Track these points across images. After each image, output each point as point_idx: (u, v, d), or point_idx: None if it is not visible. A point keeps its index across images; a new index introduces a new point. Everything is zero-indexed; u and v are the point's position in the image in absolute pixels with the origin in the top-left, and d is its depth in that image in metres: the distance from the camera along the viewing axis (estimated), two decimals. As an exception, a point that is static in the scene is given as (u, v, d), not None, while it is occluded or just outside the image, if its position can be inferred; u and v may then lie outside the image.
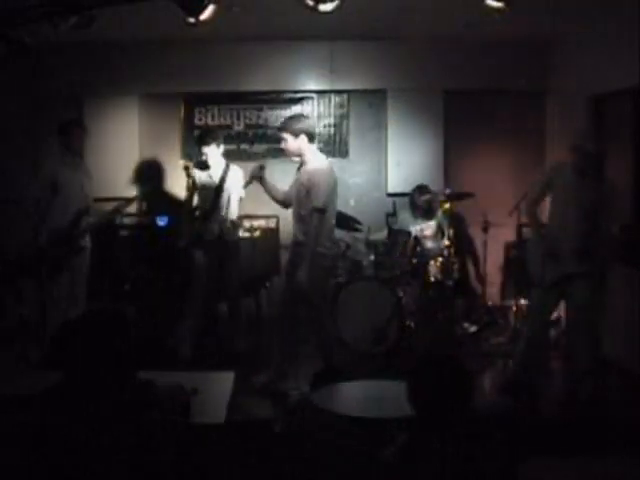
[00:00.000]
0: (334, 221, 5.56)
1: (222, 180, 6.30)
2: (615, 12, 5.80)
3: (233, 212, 6.39)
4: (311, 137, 5.46)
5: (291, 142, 5.42)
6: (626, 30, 5.72)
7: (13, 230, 6.56)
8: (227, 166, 6.38)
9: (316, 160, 5.49)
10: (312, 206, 5.30)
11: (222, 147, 6.39)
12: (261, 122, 7.84)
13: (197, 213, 6.31)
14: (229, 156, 7.68)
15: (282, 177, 7.72)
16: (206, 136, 6.34)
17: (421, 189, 7.22)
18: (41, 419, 2.61)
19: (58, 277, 5.84)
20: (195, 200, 6.35)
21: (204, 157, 6.27)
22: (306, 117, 5.92)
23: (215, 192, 6.27)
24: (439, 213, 7.00)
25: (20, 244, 6.03)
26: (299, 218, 5.47)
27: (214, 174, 6.31)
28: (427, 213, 7.16)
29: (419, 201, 7.13)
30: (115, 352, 2.61)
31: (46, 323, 5.72)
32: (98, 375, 2.58)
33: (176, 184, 7.23)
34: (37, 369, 4.03)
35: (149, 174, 7.59)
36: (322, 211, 5.30)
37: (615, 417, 4.75)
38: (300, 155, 5.49)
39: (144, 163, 7.62)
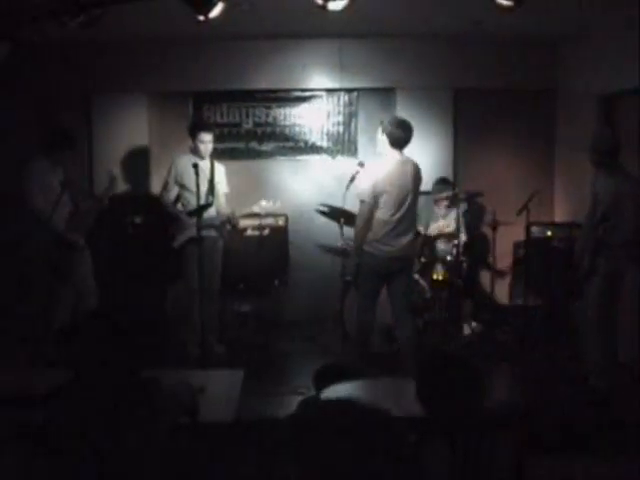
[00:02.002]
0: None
1: (213, 175, 6.34)
2: (625, 11, 5.77)
3: (223, 207, 6.47)
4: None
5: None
6: (636, 30, 5.69)
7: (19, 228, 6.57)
8: (212, 162, 6.42)
9: None
10: None
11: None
12: (270, 120, 7.82)
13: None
14: (238, 154, 7.75)
15: (290, 176, 7.79)
16: (205, 123, 6.39)
17: (444, 182, 7.19)
18: (48, 418, 2.61)
19: (64, 276, 5.84)
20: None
21: (204, 145, 6.30)
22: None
23: (210, 187, 6.32)
24: (457, 210, 6.95)
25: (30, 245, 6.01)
26: None
27: (205, 170, 6.34)
28: (449, 207, 7.11)
29: (443, 194, 7.06)
30: (119, 351, 2.61)
31: (54, 322, 5.71)
32: (103, 374, 2.58)
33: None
34: (44, 368, 4.02)
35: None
36: None
37: (627, 418, 4.72)
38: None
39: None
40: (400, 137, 5.43)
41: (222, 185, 6.57)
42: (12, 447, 3.04)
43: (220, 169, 6.59)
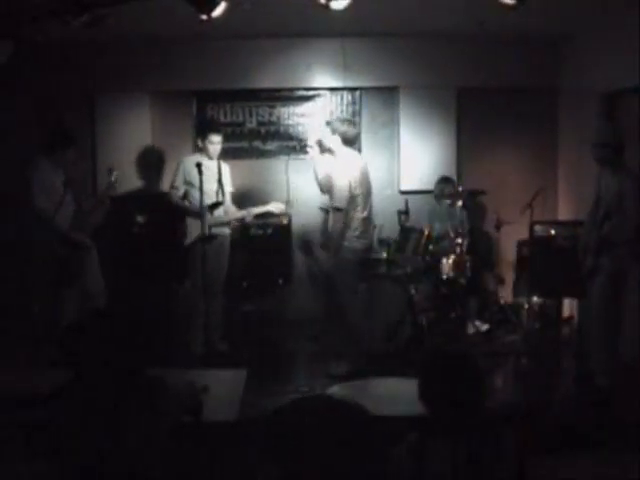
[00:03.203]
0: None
1: (220, 175, 6.35)
2: (629, 10, 5.76)
3: (229, 206, 6.54)
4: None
5: None
6: (637, 28, 5.68)
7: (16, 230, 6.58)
8: (219, 162, 6.45)
9: None
10: None
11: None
12: (273, 119, 7.82)
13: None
14: (241, 154, 7.74)
15: (293, 175, 7.77)
16: (215, 123, 6.41)
17: (447, 180, 7.18)
18: (52, 417, 2.61)
19: (72, 276, 5.85)
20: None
21: (212, 145, 6.31)
22: None
23: (219, 187, 6.37)
24: (459, 209, 6.95)
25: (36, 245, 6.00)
26: None
27: (213, 169, 6.35)
28: (452, 206, 7.11)
29: (446, 193, 7.05)
30: (123, 350, 2.61)
31: (59, 322, 5.72)
32: (106, 373, 2.58)
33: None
34: (47, 368, 4.03)
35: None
36: None
37: (630, 417, 4.71)
38: None
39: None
40: (353, 134, 5.89)
41: (227, 185, 6.60)
42: (13, 447, 3.05)
43: (226, 168, 6.61)
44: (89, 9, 4.72)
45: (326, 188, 6.07)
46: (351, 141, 5.95)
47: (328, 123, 6.05)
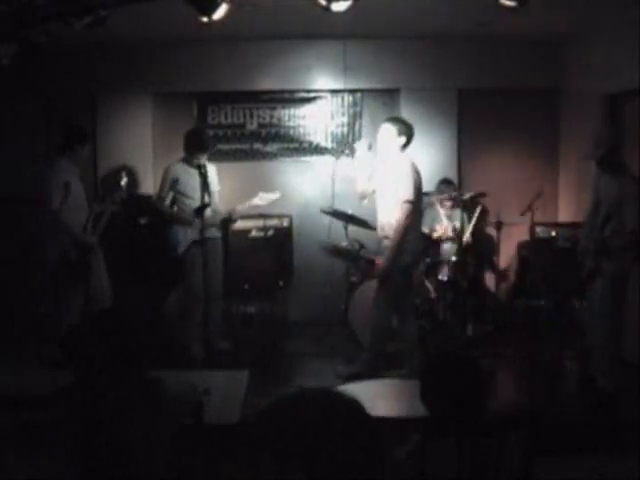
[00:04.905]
0: None
1: (205, 176, 6.34)
2: (630, 10, 5.76)
3: (217, 205, 6.49)
4: None
5: None
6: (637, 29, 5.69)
7: (28, 230, 6.59)
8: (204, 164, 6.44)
9: None
10: None
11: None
12: (274, 121, 7.82)
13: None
14: (242, 155, 7.74)
15: (294, 177, 7.79)
16: (203, 141, 6.37)
17: (448, 182, 7.18)
18: (52, 419, 2.61)
19: (81, 278, 5.85)
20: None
21: (198, 161, 6.30)
22: None
23: (204, 189, 6.31)
24: (459, 211, 6.94)
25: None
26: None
27: (194, 175, 6.36)
28: (452, 208, 7.11)
29: (447, 195, 7.05)
30: (122, 352, 2.61)
31: (62, 323, 5.71)
32: (106, 375, 2.58)
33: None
34: (51, 369, 4.03)
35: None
36: None
37: (633, 418, 4.71)
38: None
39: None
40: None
41: (214, 184, 6.52)
42: (15, 447, 3.04)
43: (211, 168, 6.55)
44: (91, 11, 4.72)
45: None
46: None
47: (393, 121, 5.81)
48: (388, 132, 5.58)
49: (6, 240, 6.99)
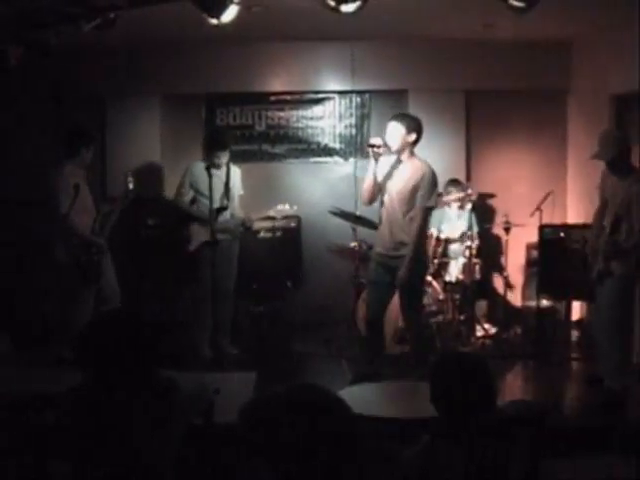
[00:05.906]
0: None
1: (228, 179, 6.36)
2: (636, 12, 5.75)
3: (238, 210, 6.51)
4: None
5: None
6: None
7: (37, 232, 6.61)
8: (228, 166, 6.44)
9: None
10: None
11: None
12: (283, 122, 7.83)
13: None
14: (250, 157, 7.76)
15: (303, 178, 7.79)
16: (223, 140, 6.39)
17: (455, 183, 7.17)
18: (66, 417, 2.63)
19: (91, 279, 5.87)
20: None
21: (219, 160, 6.31)
22: None
23: (225, 190, 6.37)
24: (467, 212, 6.94)
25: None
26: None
27: (222, 173, 6.38)
28: (460, 209, 7.11)
29: (454, 196, 7.05)
30: (134, 351, 2.63)
31: (74, 324, 5.73)
32: (119, 374, 2.60)
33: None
34: (63, 368, 4.05)
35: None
36: None
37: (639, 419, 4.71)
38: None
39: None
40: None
41: (237, 188, 6.58)
42: (24, 447, 3.06)
43: (236, 171, 6.60)
44: (101, 13, 4.74)
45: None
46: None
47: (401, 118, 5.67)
48: (396, 130, 5.50)
49: (18, 242, 7.01)
